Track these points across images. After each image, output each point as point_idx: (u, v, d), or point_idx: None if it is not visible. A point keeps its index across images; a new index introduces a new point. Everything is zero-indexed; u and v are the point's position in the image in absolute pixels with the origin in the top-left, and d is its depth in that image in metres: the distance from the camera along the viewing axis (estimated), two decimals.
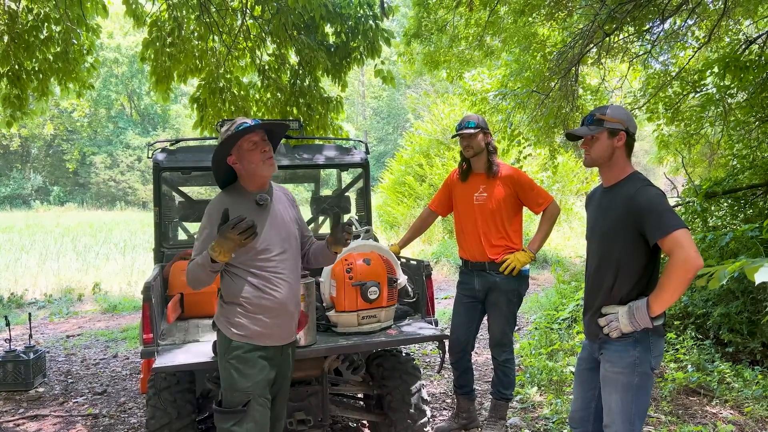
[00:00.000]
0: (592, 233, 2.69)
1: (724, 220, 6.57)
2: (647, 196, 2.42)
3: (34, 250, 15.32)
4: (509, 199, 3.89)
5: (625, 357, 2.48)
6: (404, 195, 17.33)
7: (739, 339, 5.08)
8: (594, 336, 2.61)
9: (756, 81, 6.25)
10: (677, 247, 2.28)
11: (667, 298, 2.35)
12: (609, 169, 2.59)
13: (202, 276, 2.48)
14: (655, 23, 6.75)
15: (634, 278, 2.49)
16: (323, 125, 6.88)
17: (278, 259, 2.60)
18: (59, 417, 4.72)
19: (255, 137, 2.56)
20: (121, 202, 36.99)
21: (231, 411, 2.51)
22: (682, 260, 2.26)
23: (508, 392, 4.03)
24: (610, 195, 2.60)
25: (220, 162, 2.61)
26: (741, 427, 4.02)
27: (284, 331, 2.66)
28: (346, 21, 6.52)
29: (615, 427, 2.52)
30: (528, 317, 7.87)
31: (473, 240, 3.95)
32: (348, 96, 34.05)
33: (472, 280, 3.97)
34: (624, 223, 2.47)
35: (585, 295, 2.73)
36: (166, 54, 6.48)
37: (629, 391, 2.48)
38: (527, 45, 7.94)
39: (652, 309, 2.37)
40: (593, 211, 2.71)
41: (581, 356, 2.81)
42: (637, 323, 2.41)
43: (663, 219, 2.35)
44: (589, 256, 2.71)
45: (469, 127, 3.84)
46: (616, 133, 2.53)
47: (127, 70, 39.82)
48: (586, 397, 2.75)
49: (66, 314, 9.06)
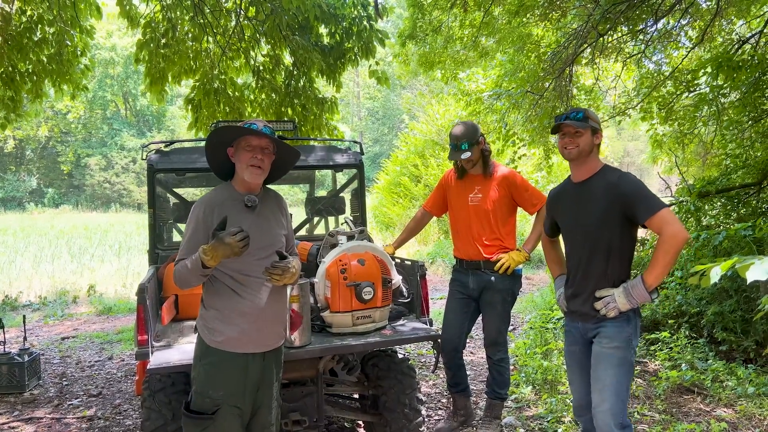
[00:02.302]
0: (575, 227, 2.82)
1: (717, 219, 6.60)
2: (631, 182, 2.65)
3: (29, 253, 15.27)
4: (504, 200, 3.91)
5: (622, 332, 2.65)
6: (399, 196, 17.33)
7: (733, 337, 5.10)
8: (590, 318, 2.72)
9: (749, 81, 6.27)
10: (665, 224, 2.51)
11: (660, 271, 2.53)
12: (585, 163, 2.78)
13: (191, 279, 2.44)
14: (648, 23, 6.78)
15: (624, 259, 2.69)
16: (318, 126, 6.88)
17: (260, 264, 2.54)
18: (54, 419, 4.70)
19: (255, 141, 2.51)
20: (115, 203, 36.86)
21: (198, 417, 2.47)
22: (671, 235, 2.49)
23: (503, 391, 4.05)
24: (585, 187, 2.77)
25: (217, 146, 2.57)
26: (734, 425, 4.04)
27: (264, 337, 2.59)
28: (341, 22, 6.53)
29: (608, 404, 2.61)
30: (523, 317, 7.89)
31: (467, 240, 3.96)
32: (343, 97, 34.04)
33: (466, 279, 3.98)
34: (611, 209, 2.64)
35: (572, 283, 2.84)
36: (161, 55, 6.48)
37: (623, 365, 2.63)
38: (521, 45, 7.96)
39: (647, 283, 2.55)
40: (569, 207, 2.85)
41: (572, 344, 2.89)
42: (635, 300, 2.58)
43: (649, 201, 2.57)
44: (574, 247, 2.84)
45: (463, 149, 3.81)
46: (596, 131, 2.77)
47: (122, 71, 39.70)
48: (590, 382, 2.79)
49: (61, 316, 9.03)
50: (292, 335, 3.02)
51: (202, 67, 6.77)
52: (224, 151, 2.58)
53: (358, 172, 4.60)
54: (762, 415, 4.10)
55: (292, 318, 2.99)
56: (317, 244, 3.80)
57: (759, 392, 4.38)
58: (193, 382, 2.56)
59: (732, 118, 7.03)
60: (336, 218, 5.32)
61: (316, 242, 3.88)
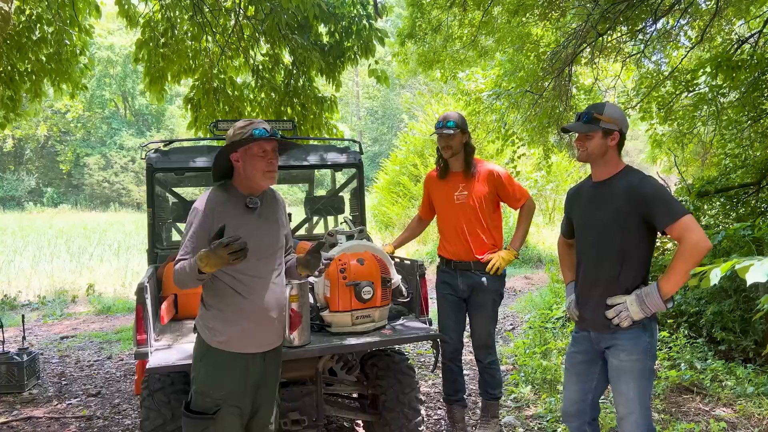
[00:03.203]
0: (589, 226, 2.70)
1: (716, 219, 6.60)
2: (653, 186, 2.52)
3: (28, 252, 15.25)
4: (489, 196, 3.84)
5: (639, 344, 2.54)
6: (399, 195, 17.34)
7: (732, 337, 5.11)
8: (603, 327, 2.61)
9: (748, 80, 6.28)
10: (687, 232, 2.38)
11: (678, 279, 2.42)
12: (602, 164, 2.65)
13: (188, 282, 2.42)
14: (647, 23, 6.78)
15: (638, 266, 2.57)
16: (318, 125, 6.88)
17: (261, 264, 2.54)
18: (53, 419, 4.70)
19: (268, 146, 2.50)
20: (114, 203, 36.82)
21: (199, 417, 2.47)
22: (693, 243, 2.37)
23: (497, 391, 3.99)
24: (605, 188, 2.64)
25: (223, 156, 2.54)
26: (733, 424, 4.04)
27: (265, 337, 2.58)
28: (340, 21, 6.52)
29: (635, 416, 2.54)
30: (522, 316, 7.89)
31: (457, 239, 3.88)
32: (342, 96, 34.01)
33: (455, 280, 3.90)
34: (628, 212, 2.52)
35: (582, 287, 2.73)
36: (160, 54, 6.47)
37: (644, 375, 2.55)
38: (521, 45, 7.96)
39: (663, 292, 2.44)
40: (585, 205, 2.74)
41: (575, 349, 2.80)
42: (648, 309, 2.47)
43: (671, 206, 2.44)
44: (584, 249, 2.73)
45: (448, 126, 3.76)
46: (611, 132, 2.59)
47: (120, 70, 39.67)
48: (583, 389, 2.75)
49: (60, 316, 9.02)
50: (291, 335, 3.02)
51: (202, 67, 6.77)
52: (228, 157, 2.56)
53: (357, 172, 4.60)
54: (761, 415, 4.10)
55: (291, 317, 2.98)
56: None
57: (758, 392, 4.38)
58: (193, 382, 2.55)
59: (731, 117, 7.03)
60: (335, 218, 5.32)
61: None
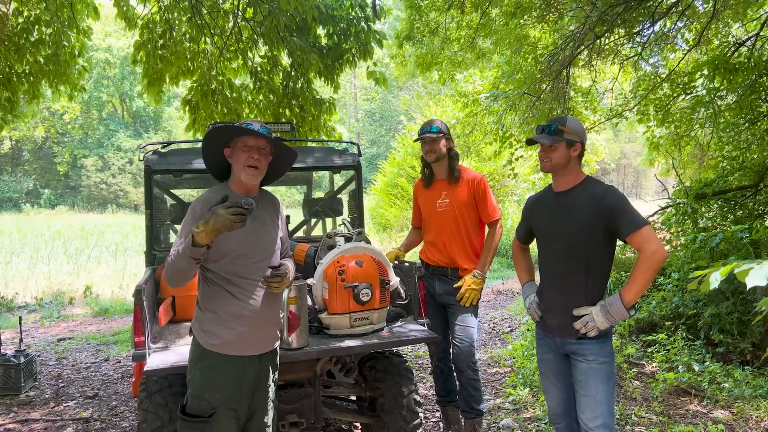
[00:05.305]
0: (555, 236, 2.77)
1: (714, 221, 6.62)
2: (616, 196, 2.63)
3: (25, 254, 15.21)
4: (471, 203, 3.82)
5: (605, 347, 2.67)
6: (397, 197, 17.35)
7: (730, 339, 5.11)
8: (569, 334, 2.70)
9: (745, 83, 6.29)
10: (646, 242, 2.50)
11: (639, 288, 2.53)
12: (564, 175, 2.75)
13: (180, 264, 2.36)
14: (645, 26, 6.80)
15: (602, 274, 2.68)
16: (316, 127, 6.88)
17: (256, 267, 2.53)
18: (50, 421, 4.69)
19: (251, 141, 2.49)
20: (112, 204, 36.80)
21: (195, 420, 2.46)
22: (651, 252, 2.48)
23: (481, 406, 3.89)
24: (568, 198, 2.73)
25: (214, 147, 2.54)
26: (731, 426, 4.05)
27: (260, 340, 2.58)
28: (339, 23, 6.53)
29: (603, 418, 2.63)
30: (520, 318, 7.89)
31: (435, 246, 3.90)
32: (340, 98, 34.03)
33: (432, 284, 3.91)
34: (594, 221, 2.62)
35: (548, 295, 2.82)
36: (158, 56, 6.47)
37: (611, 378, 2.66)
38: (518, 47, 7.98)
39: (626, 300, 2.54)
40: (549, 215, 2.82)
41: (546, 354, 2.87)
42: (613, 318, 2.57)
43: (633, 216, 2.55)
44: (549, 257, 2.82)
45: (432, 131, 3.79)
46: (573, 144, 2.71)
47: (118, 71, 39.64)
48: (564, 389, 2.83)
49: (57, 318, 9.00)
50: (289, 337, 3.01)
51: (200, 68, 6.76)
52: (221, 152, 2.56)
53: (355, 174, 4.60)
54: (759, 417, 4.11)
55: (289, 319, 2.97)
56: (315, 245, 3.80)
57: (756, 394, 4.39)
58: (188, 385, 2.55)
59: (728, 120, 7.05)
60: (333, 219, 5.32)
61: (313, 244, 3.87)
